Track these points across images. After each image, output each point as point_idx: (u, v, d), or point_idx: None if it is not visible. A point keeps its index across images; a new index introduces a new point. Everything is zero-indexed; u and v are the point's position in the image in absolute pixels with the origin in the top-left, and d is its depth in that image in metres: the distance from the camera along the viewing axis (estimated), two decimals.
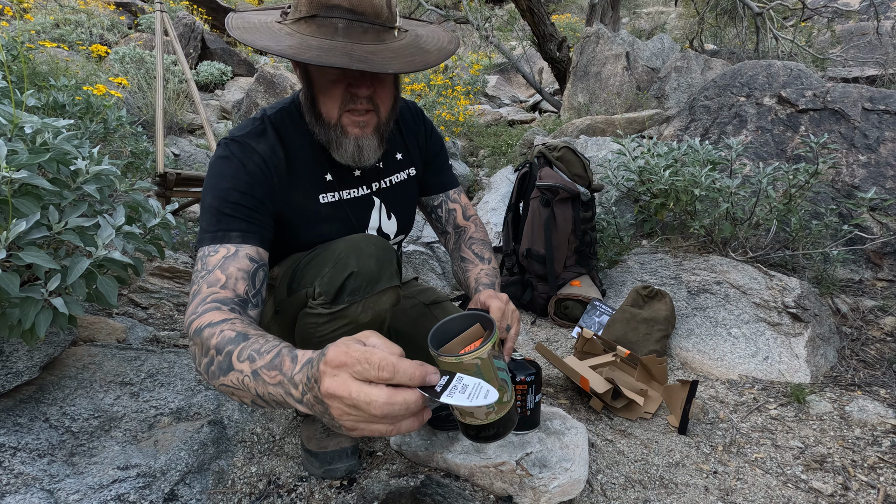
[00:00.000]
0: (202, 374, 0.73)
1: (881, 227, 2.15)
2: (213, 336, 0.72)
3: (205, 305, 0.79)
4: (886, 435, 1.35)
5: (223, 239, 0.88)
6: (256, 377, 0.64)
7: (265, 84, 4.54)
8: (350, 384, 0.51)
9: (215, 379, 0.69)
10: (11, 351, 1.09)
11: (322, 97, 0.94)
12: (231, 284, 0.84)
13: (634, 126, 3.63)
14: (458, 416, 0.82)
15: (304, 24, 0.87)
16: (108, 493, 0.95)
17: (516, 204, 2.26)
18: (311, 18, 0.87)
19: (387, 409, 0.50)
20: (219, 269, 0.85)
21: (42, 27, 5.40)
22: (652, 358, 1.50)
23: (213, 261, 0.86)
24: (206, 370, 0.71)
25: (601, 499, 1.08)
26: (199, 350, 0.73)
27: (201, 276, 0.85)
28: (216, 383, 0.69)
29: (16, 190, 0.91)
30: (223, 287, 0.83)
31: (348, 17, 0.86)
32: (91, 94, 1.93)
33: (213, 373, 0.69)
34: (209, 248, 0.88)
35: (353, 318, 0.94)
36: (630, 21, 10.07)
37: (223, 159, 0.95)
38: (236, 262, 0.86)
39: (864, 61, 4.76)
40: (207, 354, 0.71)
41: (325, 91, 0.93)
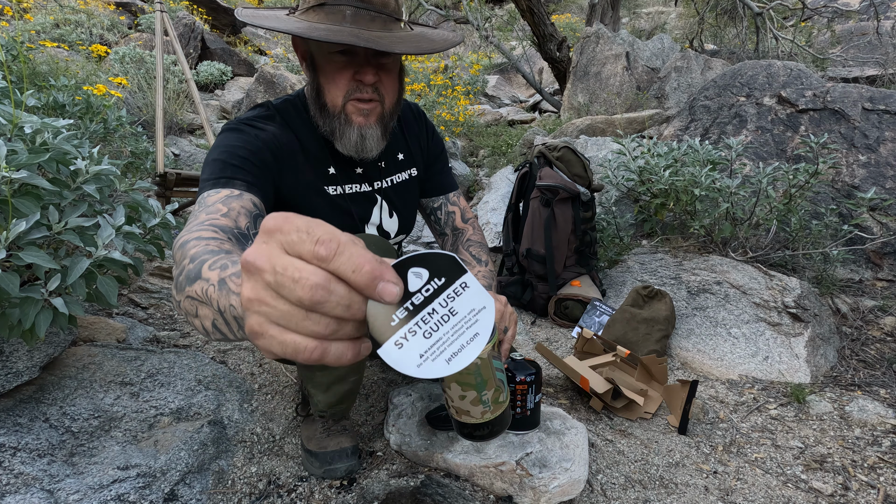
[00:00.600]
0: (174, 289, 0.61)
1: (881, 227, 2.15)
2: (195, 247, 0.62)
3: (200, 227, 0.70)
4: (886, 435, 1.35)
5: (227, 184, 0.84)
6: (222, 286, 0.51)
7: (265, 84, 4.54)
8: (277, 254, 0.33)
9: (181, 291, 0.58)
10: (11, 351, 1.09)
11: (328, 85, 0.95)
12: (233, 216, 0.76)
13: (634, 126, 3.63)
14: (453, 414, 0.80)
15: (313, 13, 0.90)
16: (108, 493, 0.95)
17: (516, 204, 2.26)
18: (319, 7, 0.89)
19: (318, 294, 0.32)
20: (220, 203, 0.78)
21: (42, 27, 5.40)
22: (652, 358, 1.50)
23: (215, 198, 0.80)
24: (175, 284, 0.61)
25: (601, 499, 1.08)
26: (176, 264, 0.63)
27: (198, 210, 0.77)
28: (181, 297, 0.58)
29: (16, 190, 0.91)
30: (224, 216, 0.75)
31: (356, 4, 0.89)
32: (91, 94, 1.93)
33: (181, 284, 0.58)
34: (211, 191, 0.82)
35: None
36: (630, 21, 10.07)
37: (230, 131, 0.95)
38: (240, 201, 0.80)
39: (864, 61, 4.76)
40: (180, 265, 0.61)
41: (331, 78, 0.94)
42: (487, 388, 0.77)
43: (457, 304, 0.39)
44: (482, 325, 0.39)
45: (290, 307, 0.33)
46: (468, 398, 0.77)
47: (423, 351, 0.38)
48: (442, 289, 0.39)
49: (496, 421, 0.80)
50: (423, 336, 0.38)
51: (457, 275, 0.39)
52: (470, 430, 0.80)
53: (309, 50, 0.96)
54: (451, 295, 0.39)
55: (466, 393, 0.78)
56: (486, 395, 0.77)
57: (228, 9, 8.06)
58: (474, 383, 0.76)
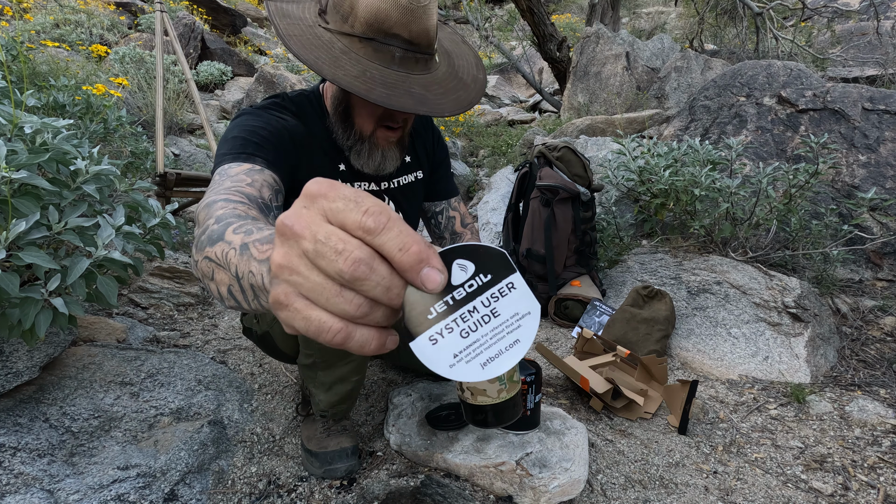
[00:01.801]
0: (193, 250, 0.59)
1: (881, 227, 2.15)
2: (222, 209, 0.61)
3: (227, 192, 0.69)
4: (886, 435, 1.35)
5: (248, 159, 0.83)
6: (244, 251, 0.48)
7: (265, 84, 4.54)
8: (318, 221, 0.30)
9: (200, 251, 0.55)
10: (11, 351, 1.09)
11: (360, 110, 0.96)
12: (257, 186, 0.76)
13: (634, 126, 3.63)
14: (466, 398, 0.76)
15: (359, 44, 0.85)
16: (108, 493, 0.95)
17: (516, 204, 2.26)
18: (367, 41, 0.84)
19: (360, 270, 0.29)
20: (244, 174, 0.78)
21: (42, 27, 5.40)
22: (652, 358, 1.50)
23: (237, 170, 0.78)
24: (196, 242, 0.58)
25: (601, 499, 1.08)
26: (199, 223, 0.61)
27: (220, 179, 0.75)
28: (199, 257, 0.55)
29: (16, 190, 0.91)
30: (249, 185, 0.74)
31: (405, 47, 0.86)
32: (91, 94, 1.93)
33: (202, 243, 0.56)
34: (231, 164, 0.80)
35: None
36: (630, 21, 10.06)
37: (248, 114, 0.93)
38: (262, 175, 0.80)
39: (864, 61, 4.76)
40: (203, 224, 0.59)
41: (366, 105, 0.94)
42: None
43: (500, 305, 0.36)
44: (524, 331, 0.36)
45: (323, 280, 0.30)
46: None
47: (459, 351, 0.35)
48: (487, 286, 0.36)
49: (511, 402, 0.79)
50: (460, 335, 0.35)
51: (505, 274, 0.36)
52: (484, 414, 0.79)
53: None
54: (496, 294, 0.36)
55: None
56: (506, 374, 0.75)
57: (228, 9, 8.06)
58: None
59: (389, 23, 0.83)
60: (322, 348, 1.02)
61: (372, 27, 0.83)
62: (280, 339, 1.13)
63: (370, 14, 0.82)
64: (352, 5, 0.83)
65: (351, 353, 1.02)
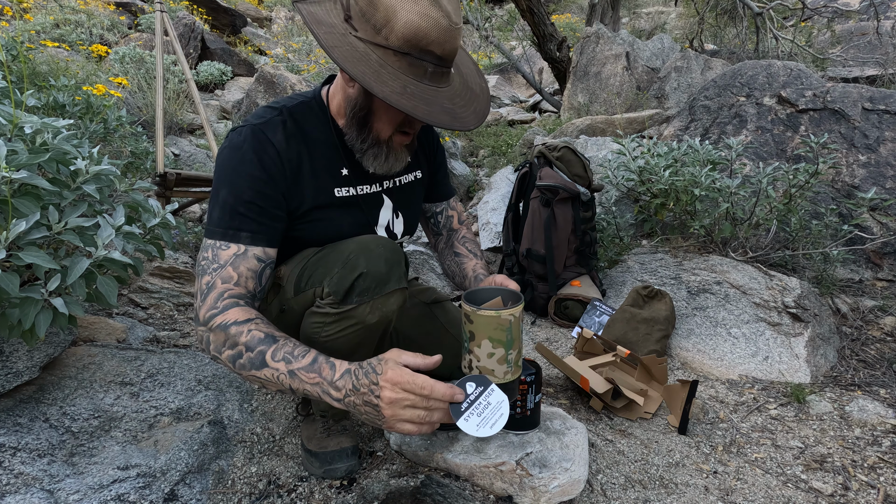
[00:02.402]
0: (224, 361, 0.87)
1: (881, 227, 2.15)
2: (242, 334, 0.85)
3: (223, 301, 0.90)
4: (886, 435, 1.35)
5: (234, 238, 0.95)
6: (293, 376, 0.83)
7: (265, 84, 4.54)
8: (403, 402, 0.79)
9: (244, 370, 0.85)
10: (11, 351, 1.09)
11: (381, 116, 0.99)
12: (242, 282, 0.93)
13: (634, 126, 3.63)
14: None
15: (394, 58, 0.87)
16: (108, 493, 0.95)
17: (516, 204, 2.26)
18: (403, 55, 0.87)
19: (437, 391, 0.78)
20: (230, 266, 0.93)
21: (42, 27, 5.39)
22: (652, 358, 1.50)
23: (225, 256, 0.94)
24: (231, 360, 0.86)
25: (601, 499, 1.08)
26: (222, 342, 0.86)
27: (213, 268, 0.93)
28: (244, 374, 0.86)
29: (16, 190, 0.91)
30: (236, 284, 0.93)
31: (436, 63, 0.89)
32: (91, 94, 1.93)
33: (242, 365, 0.85)
34: (220, 243, 0.94)
35: (360, 318, 0.96)
36: (630, 21, 10.06)
37: (237, 151, 0.96)
38: (246, 262, 0.94)
39: (864, 61, 4.76)
40: (234, 349, 0.85)
41: (388, 111, 0.97)
42: (514, 347, 0.91)
43: (490, 398, 0.83)
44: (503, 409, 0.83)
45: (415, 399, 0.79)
46: (496, 356, 0.90)
47: (478, 423, 0.80)
48: (482, 391, 0.84)
49: (514, 384, 0.94)
50: (476, 415, 0.81)
51: (488, 384, 0.85)
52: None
53: None
54: (488, 393, 0.84)
55: (495, 350, 0.91)
56: (512, 355, 0.91)
57: (228, 9, 8.06)
58: (505, 340, 0.90)
59: (427, 41, 0.85)
60: (323, 347, 1.02)
61: (409, 43, 0.85)
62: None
63: (409, 31, 0.84)
64: (387, 19, 0.84)
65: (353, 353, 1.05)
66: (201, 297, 0.91)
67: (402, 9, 0.83)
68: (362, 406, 0.80)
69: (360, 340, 1.02)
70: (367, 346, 1.05)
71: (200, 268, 0.94)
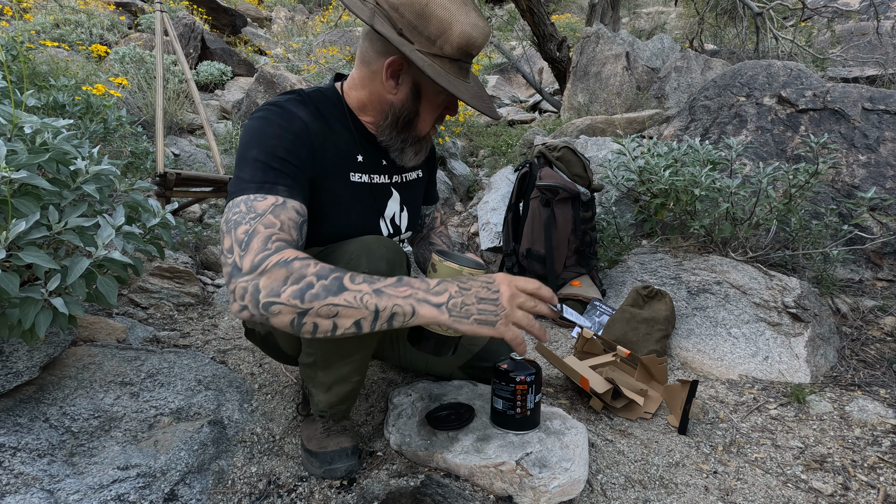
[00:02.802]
0: (284, 302, 0.79)
1: (881, 227, 2.15)
2: (309, 266, 0.81)
3: (273, 243, 0.84)
4: (886, 435, 1.35)
5: (270, 190, 0.90)
6: (380, 294, 0.80)
7: (265, 84, 4.54)
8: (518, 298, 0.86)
9: (317, 301, 0.79)
10: (11, 351, 1.09)
11: (426, 114, 1.07)
12: (286, 230, 0.88)
13: (634, 126, 3.63)
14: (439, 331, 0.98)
15: (448, 64, 0.98)
16: (108, 493, 0.95)
17: (516, 204, 2.26)
18: (453, 61, 0.98)
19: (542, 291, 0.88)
20: (270, 214, 0.87)
21: (42, 27, 5.39)
22: (652, 358, 1.50)
23: (263, 206, 0.88)
24: (296, 296, 0.79)
25: (601, 499, 1.08)
26: (282, 279, 0.80)
27: (251, 217, 0.86)
28: (316, 305, 0.79)
29: (15, 190, 0.91)
30: (280, 230, 0.87)
31: (469, 62, 1.02)
32: (91, 94, 1.93)
33: (315, 295, 0.79)
34: (255, 195, 0.89)
35: None
36: (630, 21, 10.06)
37: (263, 120, 0.97)
38: (285, 212, 0.89)
39: (864, 61, 4.76)
40: (301, 282, 0.80)
41: (432, 111, 1.07)
42: None
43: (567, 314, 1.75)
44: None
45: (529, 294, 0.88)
46: None
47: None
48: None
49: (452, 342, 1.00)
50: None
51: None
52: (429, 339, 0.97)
53: (417, 81, 1.03)
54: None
55: None
56: None
57: (228, 9, 8.06)
58: None
59: (475, 47, 0.98)
60: (323, 348, 1.02)
61: (462, 50, 0.97)
62: (282, 339, 1.14)
63: (464, 41, 0.96)
64: (442, 30, 0.95)
65: (352, 353, 1.03)
66: (242, 246, 0.83)
67: (458, 21, 0.94)
68: (475, 305, 0.83)
69: (360, 341, 1.02)
70: (367, 346, 1.06)
71: (232, 221, 0.86)
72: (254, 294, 0.80)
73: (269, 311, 0.79)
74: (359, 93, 1.08)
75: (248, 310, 0.81)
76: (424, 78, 1.01)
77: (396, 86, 1.03)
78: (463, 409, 1.23)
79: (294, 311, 0.79)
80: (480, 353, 1.39)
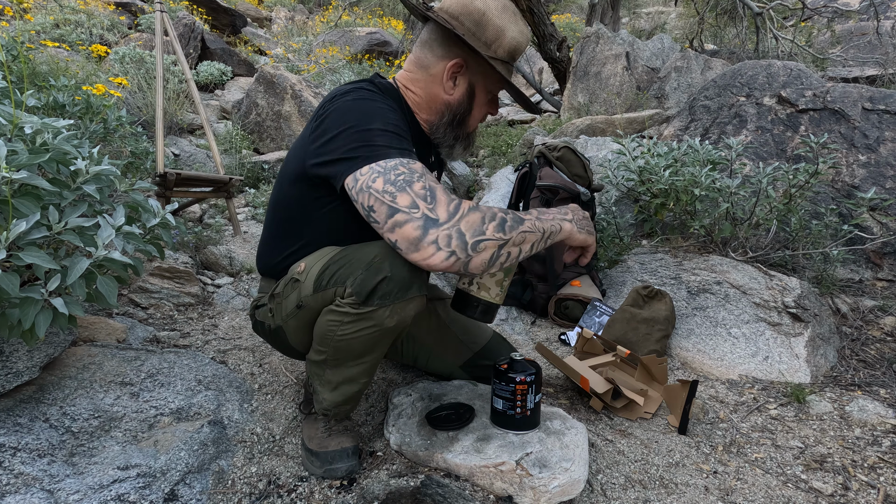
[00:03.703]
0: (489, 236, 0.91)
1: (881, 227, 2.15)
2: (492, 208, 0.94)
3: (453, 195, 0.95)
4: (886, 435, 1.35)
5: (413, 157, 0.97)
6: (541, 219, 1.01)
7: (265, 84, 4.54)
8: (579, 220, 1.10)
9: (514, 230, 0.94)
10: (11, 351, 1.09)
11: (477, 112, 1.19)
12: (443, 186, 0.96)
13: (634, 126, 3.63)
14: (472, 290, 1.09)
15: (501, 65, 1.11)
16: (108, 493, 0.95)
17: (516, 204, 2.26)
18: (506, 63, 1.13)
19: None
20: (427, 175, 0.94)
21: (42, 27, 5.39)
22: (652, 358, 1.50)
23: (418, 167, 0.94)
24: (498, 229, 0.92)
25: (601, 499, 1.08)
26: (481, 220, 0.91)
27: (418, 175, 0.92)
28: (513, 234, 0.94)
29: (16, 190, 0.91)
30: (444, 187, 0.96)
31: (513, 64, 1.16)
32: (91, 94, 1.93)
33: (511, 226, 0.94)
34: (405, 159, 0.94)
35: (378, 321, 0.97)
36: (630, 21, 10.06)
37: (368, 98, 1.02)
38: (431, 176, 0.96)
39: (864, 61, 4.76)
40: (496, 218, 0.93)
41: (482, 108, 1.19)
42: (509, 275, 1.10)
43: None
44: None
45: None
46: (495, 277, 1.09)
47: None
48: None
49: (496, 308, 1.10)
50: None
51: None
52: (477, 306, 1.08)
53: (472, 82, 1.15)
54: None
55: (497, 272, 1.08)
56: (506, 283, 1.10)
57: (228, 9, 8.06)
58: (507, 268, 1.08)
59: (521, 51, 1.14)
60: (336, 346, 1.02)
61: (511, 53, 1.12)
62: (292, 333, 1.13)
63: (514, 45, 1.11)
64: (497, 35, 1.09)
65: (365, 354, 1.04)
66: (428, 199, 0.89)
67: (509, 29, 1.10)
68: (584, 220, 1.11)
69: (374, 343, 1.02)
70: (380, 349, 1.05)
71: (400, 181, 0.91)
72: (459, 237, 0.88)
73: (476, 250, 0.89)
74: (415, 94, 1.16)
75: (455, 254, 0.88)
76: (478, 79, 1.14)
77: (454, 87, 1.14)
78: (463, 409, 1.23)
79: (496, 244, 0.92)
80: (481, 352, 1.39)
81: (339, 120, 0.98)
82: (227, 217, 3.01)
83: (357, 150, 0.94)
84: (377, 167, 0.92)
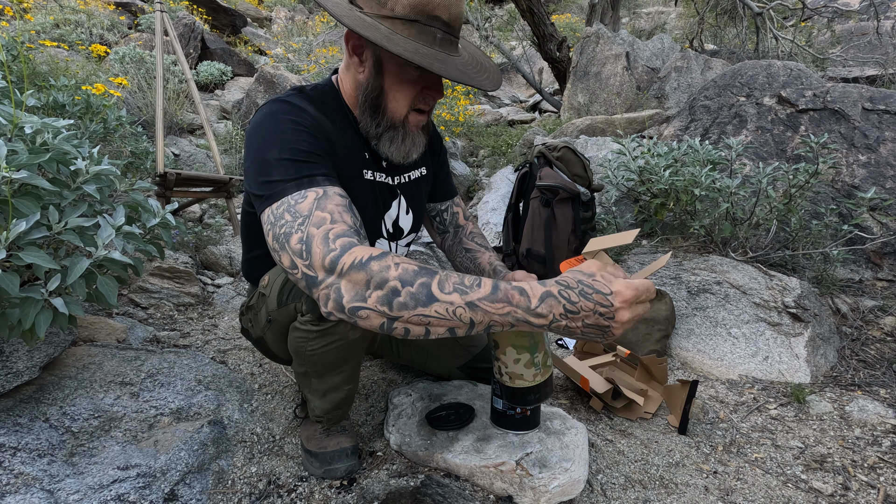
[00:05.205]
0: (371, 308, 0.72)
1: (881, 227, 2.15)
2: (389, 269, 0.72)
3: (337, 241, 0.75)
4: (886, 435, 1.35)
5: (309, 183, 0.82)
6: (474, 308, 0.71)
7: (265, 84, 4.54)
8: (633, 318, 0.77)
9: (406, 310, 0.71)
10: (11, 351, 1.09)
11: (394, 93, 0.94)
12: (338, 218, 0.79)
13: (634, 126, 3.63)
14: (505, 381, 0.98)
15: (402, 26, 0.86)
16: (108, 493, 0.95)
17: (516, 204, 2.26)
18: (410, 23, 0.86)
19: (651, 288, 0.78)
20: (316, 210, 0.79)
21: (42, 27, 5.39)
22: (652, 358, 1.50)
23: (306, 206, 0.79)
24: (382, 302, 0.71)
25: (601, 499, 1.08)
26: (364, 283, 0.72)
27: (298, 224, 0.78)
28: (406, 314, 0.71)
29: (16, 190, 0.91)
30: (332, 222, 0.78)
31: (444, 29, 0.89)
32: (91, 94, 1.93)
33: (403, 304, 0.71)
34: (293, 197, 0.80)
35: (342, 334, 0.96)
36: (630, 21, 10.06)
37: (272, 118, 0.89)
38: (330, 201, 0.81)
39: (864, 61, 4.76)
40: (384, 287, 0.71)
41: (401, 89, 0.94)
42: (539, 350, 0.95)
43: None
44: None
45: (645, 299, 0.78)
46: (522, 361, 0.94)
47: None
48: None
49: (545, 384, 0.98)
50: None
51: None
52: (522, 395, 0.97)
53: (377, 53, 0.93)
54: None
55: (521, 356, 0.95)
56: (538, 358, 0.95)
57: (228, 9, 8.06)
58: (528, 346, 0.94)
59: (433, 5, 0.86)
60: (310, 360, 1.02)
61: (416, 9, 0.85)
62: (272, 344, 1.16)
63: None
64: None
65: (340, 364, 1.04)
66: (304, 254, 0.76)
67: None
68: (580, 329, 0.75)
69: (345, 354, 1.02)
70: (354, 358, 1.05)
71: (282, 235, 0.78)
72: (337, 300, 0.73)
73: (357, 316, 0.73)
74: (346, 88, 1.01)
75: (334, 315, 0.75)
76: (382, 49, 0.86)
77: (361, 63, 0.94)
78: (463, 409, 1.23)
79: (383, 317, 0.72)
80: (480, 354, 1.39)
81: (247, 144, 0.91)
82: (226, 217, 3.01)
83: (261, 186, 0.85)
84: (270, 216, 0.81)
